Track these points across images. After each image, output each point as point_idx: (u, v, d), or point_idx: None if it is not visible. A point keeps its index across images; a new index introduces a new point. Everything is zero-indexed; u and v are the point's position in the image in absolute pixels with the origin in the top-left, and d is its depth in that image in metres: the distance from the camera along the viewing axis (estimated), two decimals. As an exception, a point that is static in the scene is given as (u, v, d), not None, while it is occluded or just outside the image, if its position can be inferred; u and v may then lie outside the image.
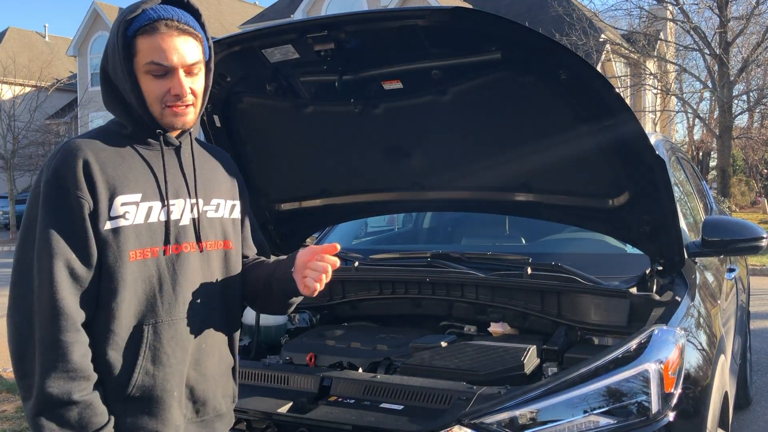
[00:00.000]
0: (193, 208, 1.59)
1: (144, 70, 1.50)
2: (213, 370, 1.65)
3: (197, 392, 1.61)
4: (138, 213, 1.50)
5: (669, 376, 1.93)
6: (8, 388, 5.01)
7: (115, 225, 1.47)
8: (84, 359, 1.43)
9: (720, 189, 17.31)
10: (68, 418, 1.41)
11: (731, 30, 16.85)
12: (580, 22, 16.98)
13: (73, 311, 1.43)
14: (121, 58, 1.50)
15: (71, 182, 1.45)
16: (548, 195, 2.57)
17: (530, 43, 2.03)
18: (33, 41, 37.83)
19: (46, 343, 1.41)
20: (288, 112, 2.57)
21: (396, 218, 4.81)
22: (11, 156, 23.18)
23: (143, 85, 1.51)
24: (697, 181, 4.48)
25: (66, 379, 1.41)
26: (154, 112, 1.53)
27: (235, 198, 1.73)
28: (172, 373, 1.53)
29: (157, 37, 1.49)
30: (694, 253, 2.64)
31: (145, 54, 1.49)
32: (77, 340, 1.43)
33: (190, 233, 1.58)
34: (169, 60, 1.49)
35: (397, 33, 2.10)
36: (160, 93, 1.51)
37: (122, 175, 1.50)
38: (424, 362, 2.27)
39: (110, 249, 1.47)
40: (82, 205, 1.45)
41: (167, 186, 1.55)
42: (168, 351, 1.53)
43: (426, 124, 2.48)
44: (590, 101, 2.12)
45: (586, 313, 2.45)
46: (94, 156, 1.48)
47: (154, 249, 1.52)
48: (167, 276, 1.53)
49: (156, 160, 1.56)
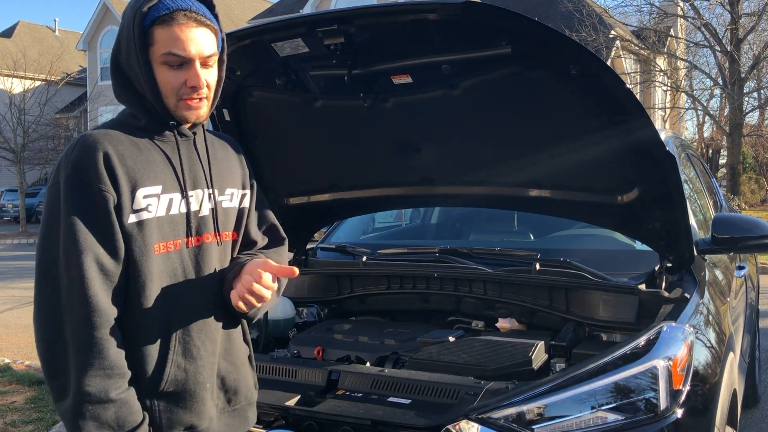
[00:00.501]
0: (211, 197, 1.58)
1: (160, 61, 1.47)
2: (242, 358, 1.66)
3: (228, 382, 1.61)
4: (159, 205, 1.48)
5: (677, 373, 1.93)
6: (18, 379, 5.05)
7: (139, 218, 1.45)
8: (119, 356, 1.42)
9: (730, 187, 17.22)
10: (106, 418, 1.40)
11: (742, 27, 16.74)
12: (590, 18, 16.91)
13: (106, 307, 1.41)
14: (137, 47, 1.47)
15: (93, 176, 1.42)
16: (557, 190, 2.56)
17: (541, 38, 2.02)
18: (43, 35, 37.99)
19: (81, 340, 1.39)
20: (297, 106, 2.57)
21: (404, 214, 4.81)
22: (21, 150, 23.29)
23: (159, 75, 1.48)
24: (707, 178, 4.46)
25: (103, 377, 1.39)
26: (169, 104, 1.51)
27: (245, 187, 1.71)
28: (203, 365, 1.53)
29: (174, 27, 1.46)
30: (704, 250, 2.63)
31: (162, 44, 1.46)
32: (112, 337, 1.41)
33: (210, 223, 1.57)
34: (186, 51, 1.46)
35: (407, 27, 2.10)
36: (176, 84, 1.49)
37: (141, 168, 1.48)
38: (431, 357, 2.27)
39: (136, 243, 1.45)
40: (107, 199, 1.42)
41: (185, 177, 1.54)
42: (198, 343, 1.52)
43: (435, 118, 2.48)
44: (601, 97, 2.11)
45: (595, 309, 2.45)
46: (113, 148, 1.45)
47: (177, 241, 1.51)
48: (191, 268, 1.53)
49: (173, 152, 1.54)
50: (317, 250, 3.37)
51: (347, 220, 3.75)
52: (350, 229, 3.78)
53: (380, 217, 4.53)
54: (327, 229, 3.78)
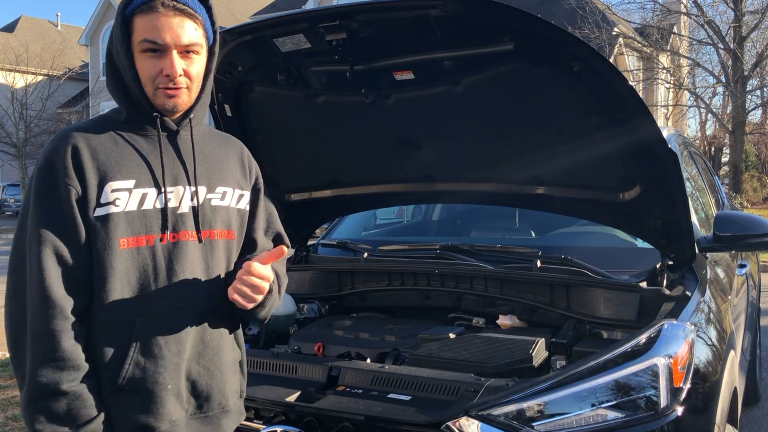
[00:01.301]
0: (194, 196, 1.55)
1: (139, 49, 1.48)
2: (218, 363, 1.60)
3: (200, 386, 1.56)
4: (131, 199, 1.47)
5: (678, 371, 1.93)
6: (19, 373, 5.07)
7: (105, 212, 1.45)
8: (74, 348, 1.40)
9: (732, 185, 17.20)
10: (57, 410, 1.39)
11: (746, 24, 16.70)
12: (593, 15, 16.86)
13: (61, 299, 1.40)
14: (119, 35, 1.49)
15: (60, 169, 1.44)
16: (559, 188, 2.56)
17: (543, 35, 2.01)
18: (45, 30, 37.97)
19: (37, 331, 1.40)
20: (299, 102, 2.57)
21: (405, 210, 4.81)
22: (23, 144, 23.34)
23: (138, 63, 1.49)
24: (709, 176, 4.45)
25: (55, 369, 1.38)
26: (148, 93, 1.50)
27: (244, 188, 1.68)
28: (165, 366, 1.49)
29: (152, 15, 1.46)
30: (705, 248, 2.62)
31: (140, 32, 1.47)
32: (65, 328, 1.40)
33: (189, 221, 1.54)
34: (162, 38, 1.46)
35: (409, 23, 2.09)
36: (153, 73, 1.48)
37: (114, 162, 1.47)
38: (432, 353, 2.27)
39: (99, 236, 1.44)
40: (69, 192, 1.43)
41: (164, 172, 1.52)
42: (161, 343, 1.48)
43: (438, 115, 2.48)
44: (603, 93, 2.11)
45: (596, 306, 2.45)
46: (86, 142, 1.46)
47: (150, 237, 1.48)
48: (163, 265, 1.49)
49: (152, 147, 1.53)
50: (318, 246, 3.37)
51: (348, 217, 3.75)
52: (351, 226, 3.78)
53: (382, 213, 4.54)
54: (328, 225, 3.78)
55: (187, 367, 1.54)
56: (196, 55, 1.52)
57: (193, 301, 1.53)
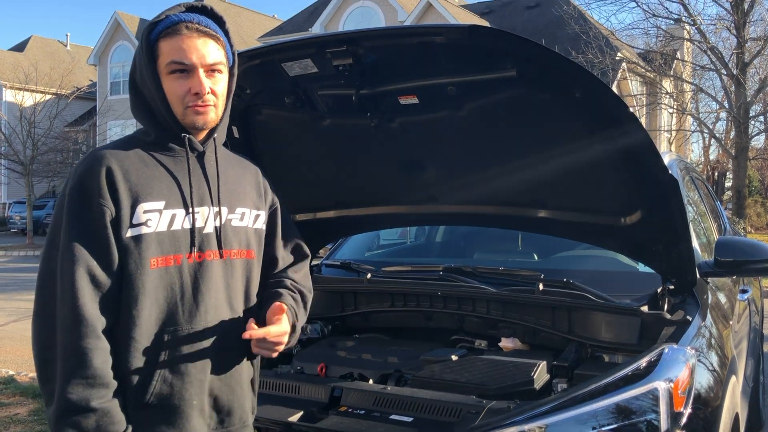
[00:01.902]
0: (216, 216, 1.60)
1: (166, 71, 1.55)
2: (238, 379, 1.65)
3: (221, 402, 1.61)
4: (161, 220, 1.51)
5: (679, 396, 1.93)
6: (22, 391, 5.07)
7: (137, 232, 1.49)
8: (104, 366, 1.44)
9: (735, 210, 17.19)
10: (86, 426, 1.42)
11: (749, 51, 16.80)
12: (596, 40, 17.00)
13: (94, 318, 1.43)
14: (146, 61, 1.54)
15: (94, 190, 1.47)
16: (561, 211, 2.58)
17: (545, 62, 2.05)
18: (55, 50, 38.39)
19: (67, 349, 1.42)
20: (305, 125, 2.61)
21: (408, 232, 4.83)
22: (30, 162, 23.46)
23: (166, 85, 1.55)
24: (711, 201, 4.47)
25: (85, 386, 1.41)
26: (177, 113, 1.56)
27: (260, 208, 1.74)
28: (191, 382, 1.53)
29: (178, 38, 1.54)
30: (707, 273, 2.64)
31: (166, 55, 1.54)
32: (97, 347, 1.43)
33: (213, 241, 1.59)
34: (188, 58, 1.53)
35: (414, 49, 2.13)
36: (182, 92, 1.55)
37: (145, 183, 1.52)
38: (434, 375, 2.28)
39: (131, 256, 1.48)
40: (104, 213, 1.47)
41: (192, 193, 1.57)
42: (187, 359, 1.53)
43: (441, 138, 2.51)
44: (604, 120, 2.14)
45: (597, 330, 2.46)
46: (118, 164, 1.51)
47: (177, 256, 1.53)
48: (189, 284, 1.54)
49: (180, 167, 1.58)
50: (322, 267, 3.39)
51: (352, 237, 3.77)
52: (355, 246, 3.81)
53: (385, 234, 4.56)
54: (332, 245, 3.80)
55: (210, 383, 1.58)
56: (219, 74, 1.59)
57: (216, 318, 1.58)
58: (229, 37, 1.63)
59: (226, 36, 1.62)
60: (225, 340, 1.60)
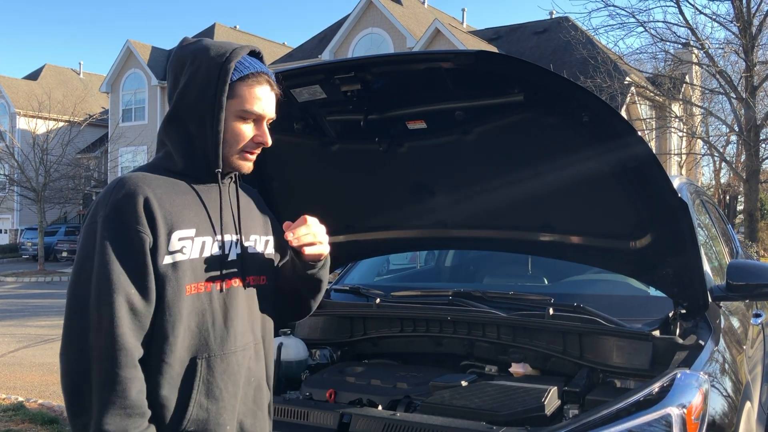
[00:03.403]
0: (238, 243, 1.63)
1: (237, 114, 1.58)
2: (260, 404, 1.67)
3: (246, 426, 1.62)
4: (194, 248, 1.53)
5: (692, 422, 1.91)
6: (31, 417, 5.05)
7: (174, 259, 1.50)
8: (140, 396, 1.43)
9: (748, 233, 17.06)
10: None
11: (757, 74, 16.81)
12: (605, 65, 17.07)
13: (133, 347, 1.43)
14: (218, 97, 1.55)
15: (132, 217, 1.47)
16: (570, 235, 2.57)
17: (552, 86, 2.06)
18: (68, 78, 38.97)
19: (104, 378, 1.40)
20: (314, 150, 2.62)
21: (419, 256, 4.82)
22: (42, 189, 23.68)
23: (229, 126, 1.58)
24: (722, 225, 4.45)
25: (123, 416, 1.40)
26: (227, 154, 1.59)
27: (268, 234, 1.77)
28: (224, 407, 1.55)
29: (257, 87, 1.59)
30: (719, 297, 2.61)
31: (243, 99, 1.58)
32: (135, 377, 1.42)
33: (237, 268, 1.62)
34: (263, 110, 1.60)
35: (422, 75, 2.15)
36: (246, 138, 1.60)
37: (178, 211, 1.53)
38: (444, 401, 2.26)
39: (170, 283, 1.49)
40: (143, 240, 1.46)
41: (222, 221, 1.60)
42: (221, 385, 1.54)
43: (450, 163, 2.52)
44: (613, 144, 2.14)
45: (608, 355, 2.43)
46: (152, 192, 1.51)
47: (208, 284, 1.55)
48: (219, 310, 1.56)
49: (206, 195, 1.60)
50: (331, 292, 3.39)
51: (361, 262, 3.77)
52: (364, 271, 3.80)
53: (395, 259, 4.55)
54: (341, 270, 3.80)
55: (239, 408, 1.60)
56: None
57: (243, 344, 1.60)
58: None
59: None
60: (249, 365, 1.63)
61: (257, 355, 1.66)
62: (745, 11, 16.14)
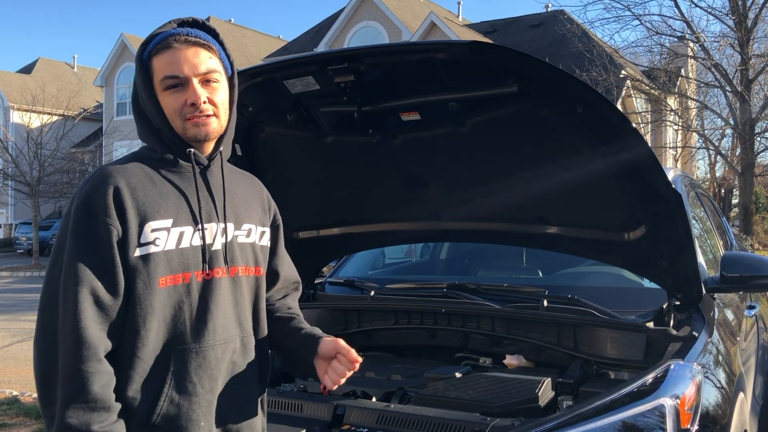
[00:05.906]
0: (223, 232, 1.57)
1: (162, 88, 1.53)
2: (246, 400, 1.61)
3: (230, 423, 1.57)
4: (169, 238, 1.48)
5: (685, 412, 1.91)
6: (25, 412, 5.05)
7: (145, 252, 1.45)
8: (105, 390, 1.40)
9: (743, 226, 17.13)
10: None
11: (753, 67, 16.84)
12: (600, 58, 17.07)
13: (96, 341, 1.39)
14: (141, 80, 1.54)
15: (101, 209, 1.44)
16: (565, 227, 2.57)
17: (546, 77, 2.05)
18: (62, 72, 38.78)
19: (67, 372, 1.38)
20: (308, 142, 2.61)
21: (414, 249, 4.82)
22: (37, 183, 23.59)
23: (162, 102, 1.53)
24: (717, 217, 4.45)
25: (86, 410, 1.37)
26: (177, 128, 1.54)
27: (265, 225, 1.72)
28: (198, 403, 1.49)
29: (168, 52, 1.52)
30: (713, 288, 2.61)
31: (160, 71, 1.52)
32: (98, 371, 1.39)
33: (221, 258, 1.56)
34: (180, 70, 1.51)
35: (415, 66, 2.14)
36: (178, 106, 1.52)
37: (153, 201, 1.49)
38: (438, 393, 2.26)
39: (140, 276, 1.45)
40: (111, 232, 1.43)
41: (201, 209, 1.54)
42: (195, 380, 1.49)
43: (444, 154, 2.51)
44: (606, 135, 2.14)
45: (602, 346, 2.43)
46: (126, 182, 1.47)
47: (186, 275, 1.50)
48: (196, 302, 1.51)
49: (187, 184, 1.55)
50: (325, 285, 3.38)
51: (356, 255, 3.76)
52: (359, 264, 3.80)
53: (390, 252, 4.55)
54: (336, 263, 3.79)
55: (218, 404, 1.54)
56: (216, 83, 1.56)
57: (224, 337, 1.54)
58: (224, 46, 1.60)
59: (221, 46, 1.59)
60: (233, 359, 1.57)
61: (244, 348, 1.59)
62: (741, 4, 16.16)
